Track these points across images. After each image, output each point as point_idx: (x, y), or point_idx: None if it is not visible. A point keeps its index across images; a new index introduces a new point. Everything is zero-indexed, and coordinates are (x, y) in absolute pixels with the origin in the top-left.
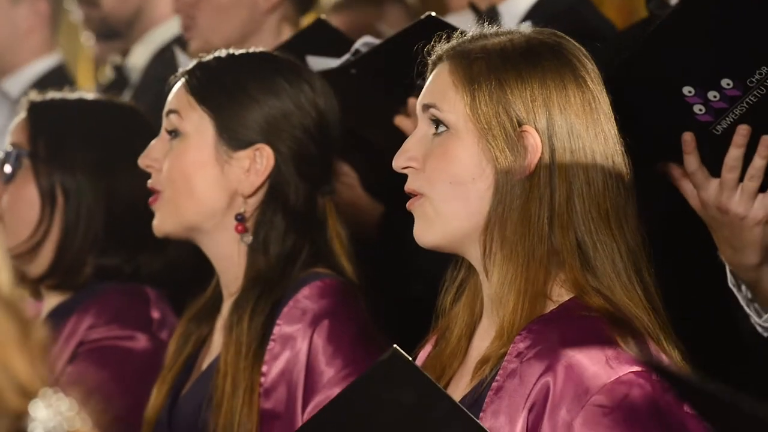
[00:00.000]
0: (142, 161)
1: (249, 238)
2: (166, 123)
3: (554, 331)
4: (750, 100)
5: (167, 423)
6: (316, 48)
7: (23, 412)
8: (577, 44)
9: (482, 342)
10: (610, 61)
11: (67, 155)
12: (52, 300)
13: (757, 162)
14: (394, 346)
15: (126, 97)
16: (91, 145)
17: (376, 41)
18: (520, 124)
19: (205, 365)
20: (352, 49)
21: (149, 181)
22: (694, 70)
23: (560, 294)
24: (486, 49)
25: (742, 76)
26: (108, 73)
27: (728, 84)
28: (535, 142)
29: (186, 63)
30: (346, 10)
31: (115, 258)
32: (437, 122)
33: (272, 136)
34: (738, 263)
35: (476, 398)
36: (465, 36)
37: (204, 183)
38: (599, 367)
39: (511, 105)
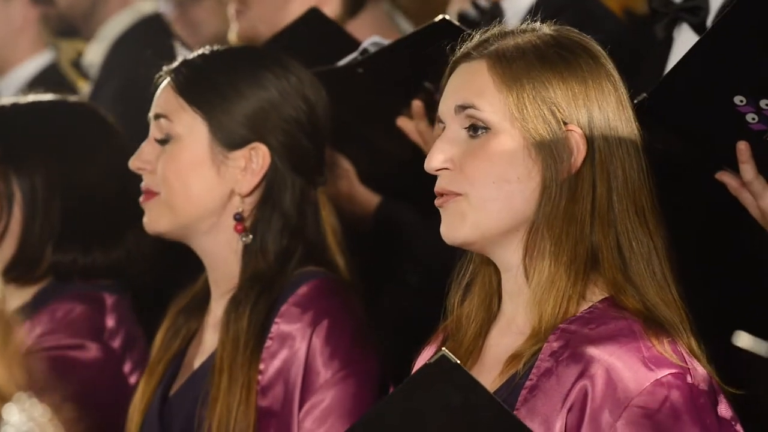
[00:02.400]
0: (133, 164)
1: (248, 238)
2: (156, 127)
3: (589, 332)
4: None
5: (158, 420)
6: (309, 39)
7: None
8: (596, 42)
9: (501, 339)
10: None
11: (21, 154)
12: (11, 302)
13: None
14: (443, 349)
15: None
16: (44, 143)
17: (385, 41)
18: (564, 123)
19: (196, 363)
20: (360, 47)
21: (143, 184)
22: (745, 79)
23: (594, 293)
24: (520, 47)
25: None
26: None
27: None
28: (580, 141)
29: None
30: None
31: (70, 252)
32: (474, 123)
33: (265, 132)
34: None
35: (508, 395)
36: (485, 34)
37: (201, 184)
38: (638, 369)
39: (555, 104)
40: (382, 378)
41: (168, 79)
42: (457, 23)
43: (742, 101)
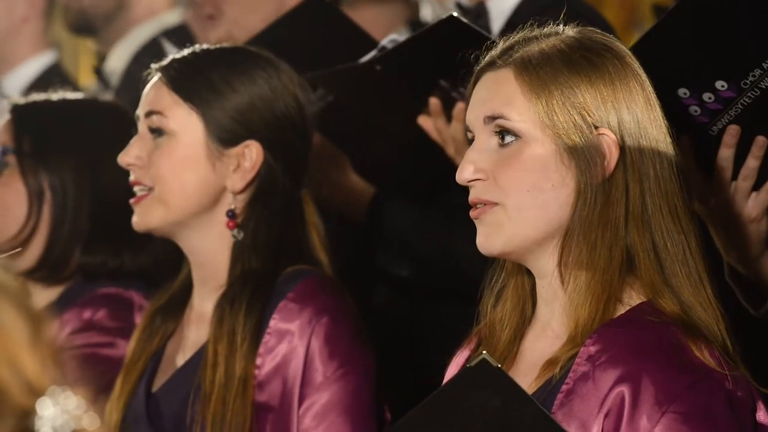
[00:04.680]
0: (123, 159)
1: (240, 234)
2: (147, 123)
3: (627, 337)
4: (744, 101)
5: (146, 418)
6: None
7: (30, 409)
8: (621, 42)
9: (537, 343)
10: None
11: (51, 153)
12: (38, 301)
13: (751, 162)
14: (484, 352)
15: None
16: (75, 143)
17: (402, 39)
18: (595, 127)
19: (180, 360)
20: (379, 45)
21: (132, 177)
22: (689, 72)
23: (630, 296)
24: (546, 53)
25: (736, 78)
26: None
27: (723, 86)
28: (612, 144)
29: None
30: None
31: (100, 254)
32: (504, 132)
33: (258, 129)
34: (736, 258)
35: (544, 399)
36: (508, 41)
37: (195, 180)
38: (676, 374)
39: (585, 108)
40: (378, 374)
41: (158, 75)
42: (465, 21)
43: (685, 93)
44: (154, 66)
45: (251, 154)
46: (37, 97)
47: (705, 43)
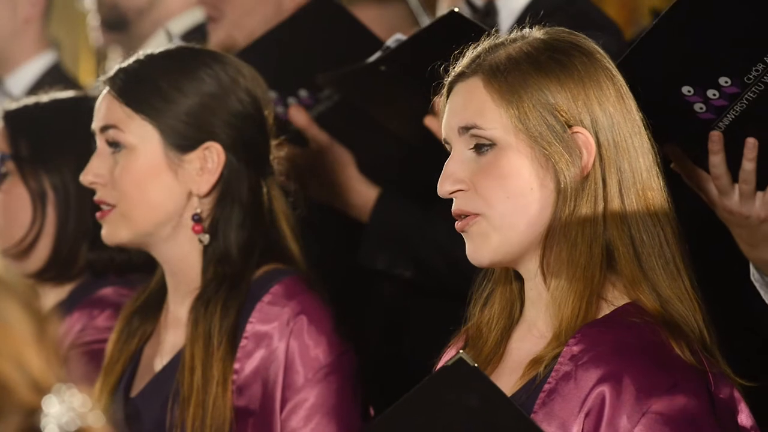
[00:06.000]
0: (84, 178)
1: (206, 237)
2: (104, 137)
3: (609, 337)
4: (749, 96)
5: (123, 421)
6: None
7: (36, 407)
8: (588, 38)
9: (522, 343)
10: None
11: (49, 153)
12: (48, 300)
13: (746, 165)
14: (461, 351)
15: None
16: (71, 141)
17: (405, 38)
18: (569, 126)
19: (158, 364)
20: (384, 45)
21: (96, 196)
22: (692, 70)
23: (615, 296)
24: (513, 58)
25: (739, 74)
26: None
27: (726, 82)
28: (588, 141)
29: None
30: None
31: (107, 249)
32: (479, 141)
33: (214, 129)
34: (756, 259)
35: (526, 398)
36: (476, 49)
37: (160, 191)
38: (657, 375)
39: (557, 109)
40: (360, 372)
41: (107, 88)
42: (466, 17)
43: (689, 91)
44: (101, 78)
45: (212, 155)
46: (28, 100)
47: (706, 40)
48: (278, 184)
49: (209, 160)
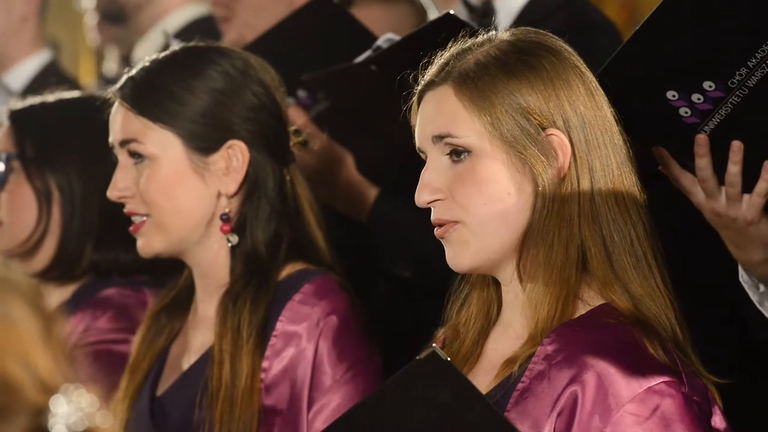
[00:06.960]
0: (111, 193)
1: (235, 238)
2: (125, 151)
3: (583, 337)
4: (734, 100)
5: (149, 420)
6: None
7: (44, 407)
8: (555, 36)
9: (498, 344)
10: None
11: (54, 153)
12: (51, 300)
13: (731, 168)
14: (434, 345)
15: None
16: (76, 140)
17: (397, 38)
18: (543, 128)
19: (185, 363)
20: (374, 45)
21: (126, 208)
22: (676, 74)
23: (590, 296)
24: (481, 63)
25: (722, 78)
26: (111, 66)
27: (710, 86)
28: (562, 143)
29: None
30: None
31: (111, 249)
32: (454, 149)
33: (234, 126)
34: (744, 260)
35: (500, 397)
36: (442, 57)
37: (189, 197)
38: (630, 375)
39: (529, 111)
40: (383, 374)
41: (119, 100)
42: (461, 18)
43: (674, 96)
44: (111, 90)
45: (236, 154)
46: (33, 100)
47: (689, 44)
48: (298, 170)
49: (234, 159)
